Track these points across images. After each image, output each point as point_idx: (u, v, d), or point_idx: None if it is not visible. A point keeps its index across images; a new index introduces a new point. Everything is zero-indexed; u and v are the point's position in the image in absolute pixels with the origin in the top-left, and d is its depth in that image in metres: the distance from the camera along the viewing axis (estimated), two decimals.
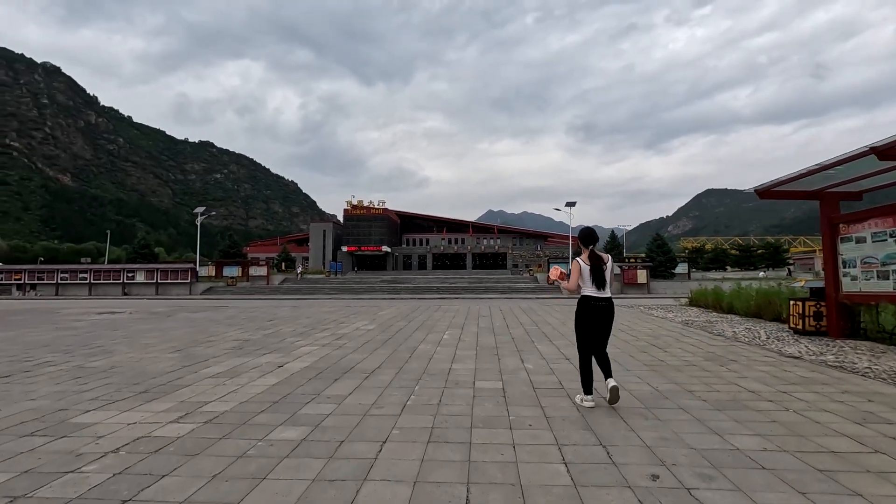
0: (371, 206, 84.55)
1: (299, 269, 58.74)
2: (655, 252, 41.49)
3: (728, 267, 75.45)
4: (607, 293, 4.17)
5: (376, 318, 11.70)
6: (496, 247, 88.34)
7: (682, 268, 45.31)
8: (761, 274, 45.42)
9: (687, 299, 14.99)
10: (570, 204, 39.61)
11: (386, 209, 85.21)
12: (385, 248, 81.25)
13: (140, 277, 38.76)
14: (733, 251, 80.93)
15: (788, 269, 55.85)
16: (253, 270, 46.82)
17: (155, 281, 38.39)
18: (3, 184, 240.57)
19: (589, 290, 4.16)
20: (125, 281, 38.50)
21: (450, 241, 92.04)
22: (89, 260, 73.05)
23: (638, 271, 36.23)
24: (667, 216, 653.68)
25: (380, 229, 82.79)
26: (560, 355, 6.60)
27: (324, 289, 38.32)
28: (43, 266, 41.29)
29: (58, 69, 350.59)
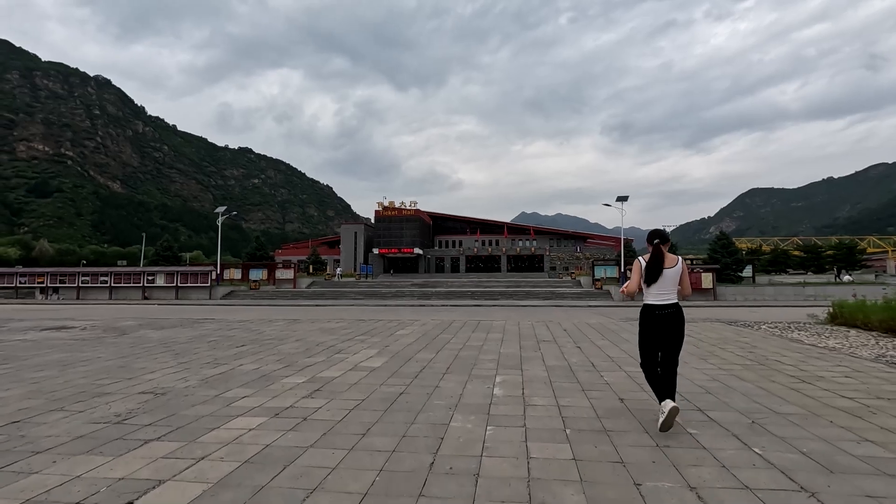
0: (403, 206, 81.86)
1: (338, 271, 56.72)
2: (720, 253, 36.55)
3: (789, 270, 68.52)
4: (672, 299, 3.72)
5: (391, 343, 8.24)
6: (532, 248, 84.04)
7: (746, 271, 40.14)
8: (846, 278, 39.59)
9: (827, 314, 10.83)
10: (622, 199, 35.31)
11: (418, 210, 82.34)
12: (417, 251, 78.33)
13: (160, 281, 37.00)
14: (796, 252, 73.74)
15: (875, 273, 49.24)
16: (279, 273, 44.73)
17: (175, 284, 36.53)
18: (59, 191, 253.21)
19: (650, 297, 3.75)
20: (145, 284, 36.81)
21: (483, 243, 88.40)
22: (125, 263, 73.44)
23: (702, 274, 31.59)
24: (708, 217, 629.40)
25: (411, 231, 79.95)
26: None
27: (349, 293, 35.45)
28: (64, 269, 40.23)
29: (108, 81, 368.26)
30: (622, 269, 36.44)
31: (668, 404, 3.50)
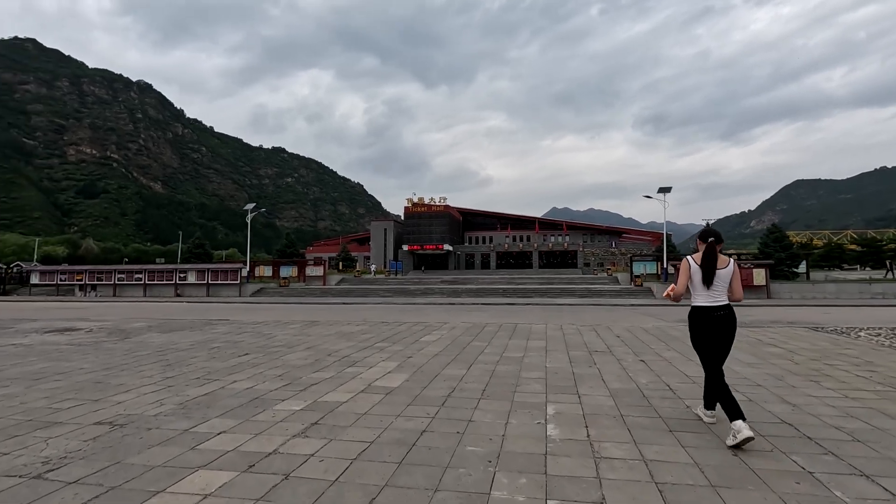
0: (432, 203, 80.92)
1: (372, 268, 56.48)
2: (772, 247, 33.82)
3: (844, 265, 63.76)
4: (724, 300, 3.51)
5: (414, 353, 7.05)
6: (565, 244, 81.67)
7: (800, 267, 37.09)
8: None
9: None
10: (664, 190, 33.05)
11: (447, 206, 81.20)
12: (446, 247, 77.25)
13: (191, 278, 37.17)
14: (851, 246, 68.55)
15: None
16: (309, 270, 44.44)
17: (206, 282, 36.61)
18: (105, 192, 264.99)
19: (700, 299, 3.54)
20: (177, 282, 37.06)
21: (514, 239, 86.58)
22: (163, 260, 75.40)
23: (753, 271, 29.19)
24: (749, 210, 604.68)
25: (441, 227, 78.91)
26: None
27: (378, 291, 34.62)
28: (101, 267, 41.05)
29: (149, 86, 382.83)
30: (664, 265, 34.27)
31: (745, 430, 3.19)
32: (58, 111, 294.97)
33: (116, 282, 38.04)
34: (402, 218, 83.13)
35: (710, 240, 3.54)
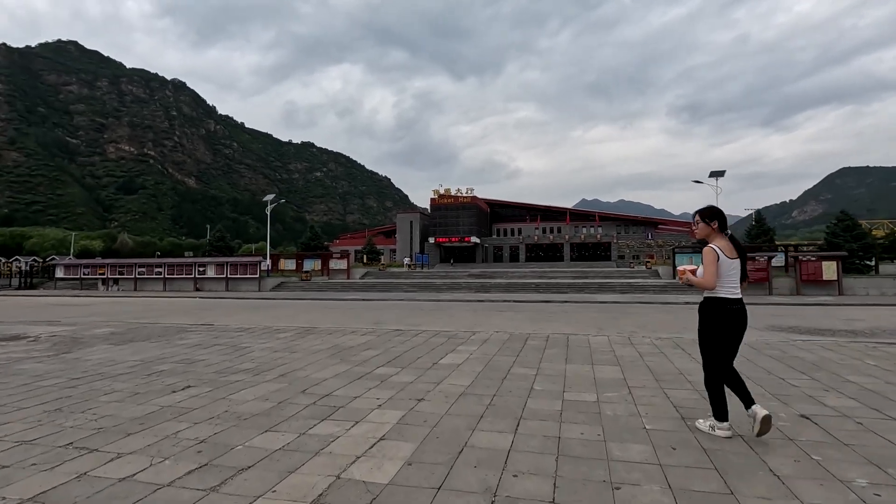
0: (459, 194, 78.47)
1: (406, 261, 55.09)
2: (841, 237, 29.97)
3: None
4: (739, 292, 3.36)
5: (429, 390, 4.70)
6: (598, 236, 78.08)
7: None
8: None
9: None
10: (717, 174, 29.73)
11: (474, 197, 78.60)
12: (474, 239, 74.77)
13: (211, 272, 36.01)
14: None
15: None
16: (333, 264, 42.93)
17: (225, 276, 35.39)
18: (142, 188, 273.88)
19: (724, 290, 3.31)
20: (196, 276, 35.97)
21: (544, 231, 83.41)
22: (191, 253, 75.76)
23: (823, 263, 25.72)
24: (790, 200, 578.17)
25: (468, 219, 76.44)
26: None
27: (402, 285, 32.60)
28: (122, 261, 40.39)
29: (183, 84, 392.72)
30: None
31: (759, 410, 3.25)
32: (98, 110, 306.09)
33: (137, 276, 37.29)
34: (429, 210, 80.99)
35: (728, 233, 3.37)
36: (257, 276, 34.77)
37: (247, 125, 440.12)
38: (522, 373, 5.41)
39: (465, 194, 78.13)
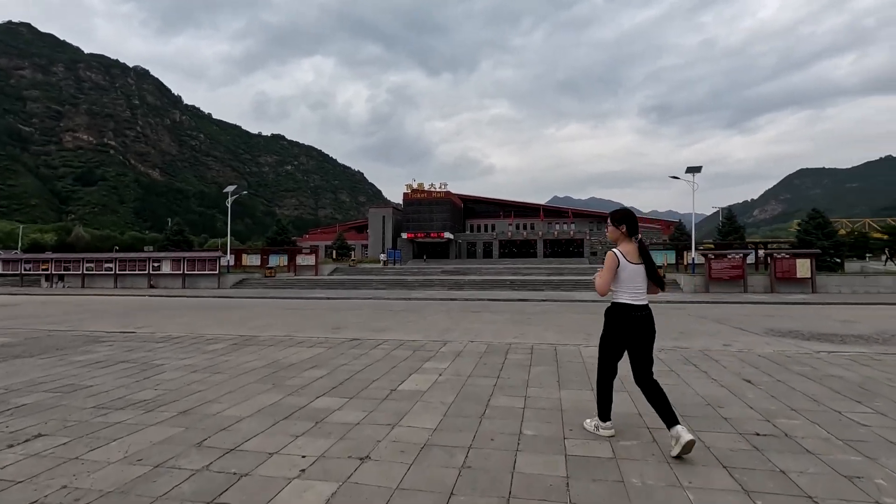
0: (432, 189, 77.06)
1: (382, 257, 53.45)
2: (813, 234, 30.04)
3: (869, 255, 59.96)
4: (646, 299, 3.26)
5: (380, 440, 3.41)
6: (571, 232, 78.02)
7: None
8: None
9: None
10: (693, 170, 29.26)
11: (448, 193, 77.32)
12: (447, 235, 73.56)
13: (166, 268, 33.66)
14: (876, 235, 64.56)
15: None
16: (300, 259, 41.10)
17: (182, 272, 33.11)
18: (103, 179, 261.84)
19: (626, 296, 3.22)
20: (150, 272, 33.56)
21: (518, 227, 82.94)
22: (152, 248, 71.88)
23: (797, 261, 25.54)
24: (752, 199, 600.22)
25: (442, 214, 75.15)
26: None
27: (372, 282, 31.06)
28: (68, 256, 37.44)
29: (147, 72, 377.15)
30: (692, 255, 30.63)
31: (685, 434, 2.94)
32: (54, 97, 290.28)
33: (85, 272, 34.54)
34: (402, 205, 79.27)
35: (638, 238, 3.30)
36: (217, 272, 32.64)
37: (215, 116, 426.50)
38: (506, 405, 4.15)
39: (438, 189, 76.80)
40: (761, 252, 33.35)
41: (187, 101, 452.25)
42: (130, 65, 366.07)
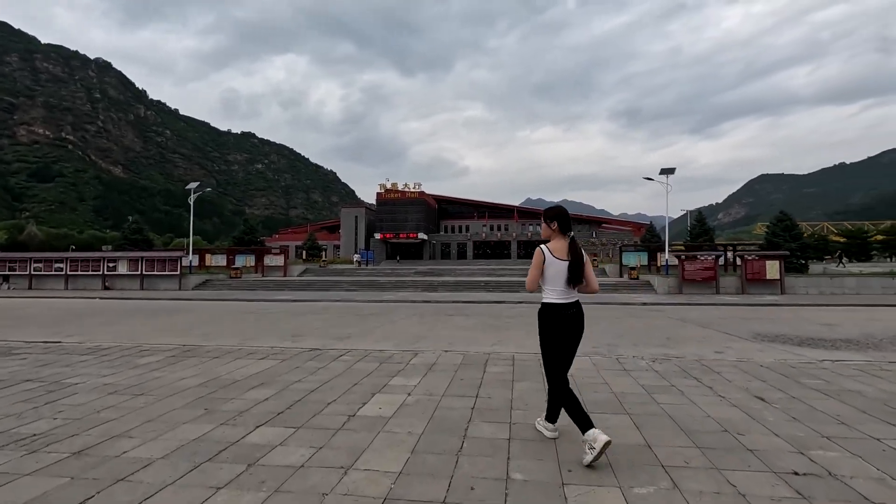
0: (406, 189, 76.04)
1: (355, 257, 52.22)
2: (781, 236, 30.55)
3: (827, 257, 62.30)
4: (575, 297, 3.20)
5: (333, 477, 2.67)
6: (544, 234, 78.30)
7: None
8: None
9: None
10: (667, 171, 29.35)
11: (422, 193, 76.44)
12: (421, 236, 72.71)
13: (122, 268, 31.74)
14: (835, 238, 67.20)
15: None
16: (268, 260, 39.63)
17: (139, 273, 31.28)
18: (60, 175, 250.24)
19: (554, 295, 3.17)
20: (105, 272, 31.58)
21: (492, 228, 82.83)
22: (110, 247, 68.47)
23: (767, 263, 25.83)
24: (716, 203, 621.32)
25: (416, 215, 74.20)
26: None
27: (342, 284, 29.99)
28: (14, 255, 34.94)
29: (109, 65, 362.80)
30: (665, 257, 30.75)
31: (601, 436, 2.85)
32: (7, 88, 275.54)
33: (32, 272, 32.25)
34: (375, 205, 77.95)
35: (570, 234, 3.19)
36: (178, 273, 30.95)
37: (182, 112, 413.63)
38: (488, 434, 3.42)
39: (412, 189, 75.85)
40: (730, 254, 33.86)
41: (153, 96, 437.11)
42: (91, 56, 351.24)
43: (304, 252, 55.03)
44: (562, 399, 3.15)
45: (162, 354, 6.40)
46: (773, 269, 25.75)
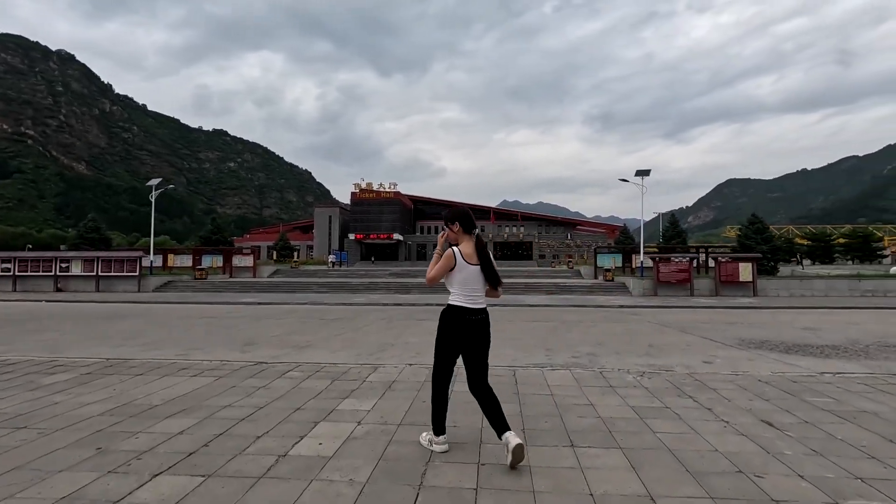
0: (381, 189, 74.94)
1: (331, 259, 50.97)
2: (753, 239, 30.87)
3: (793, 259, 64.14)
4: (483, 302, 3.10)
5: None
6: (520, 235, 78.53)
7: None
8: (893, 269, 34.50)
9: None
10: (643, 173, 29.26)
11: (398, 193, 75.47)
12: (397, 236, 71.71)
13: (76, 269, 29.90)
14: (801, 241, 69.22)
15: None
16: (237, 260, 38.12)
17: (95, 273, 29.51)
18: (19, 171, 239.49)
19: (460, 298, 3.04)
20: (58, 273, 29.67)
21: None
22: (65, 247, 65.29)
23: (740, 265, 26.00)
24: (686, 206, 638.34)
25: (391, 215, 73.15)
26: None
27: (312, 285, 28.92)
28: None
29: (72, 57, 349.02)
30: (640, 259, 30.72)
31: (511, 438, 2.84)
32: None
33: None
34: (350, 205, 76.57)
35: (474, 231, 3.11)
36: (137, 274, 29.31)
37: (150, 107, 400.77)
38: (453, 483, 2.70)
39: (388, 189, 74.81)
40: (702, 256, 34.16)
41: (120, 90, 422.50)
42: (53, 48, 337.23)
43: (275, 252, 53.39)
44: (436, 400, 3.13)
45: (76, 371, 5.46)
46: (746, 271, 25.92)
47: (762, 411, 3.98)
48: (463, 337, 3.05)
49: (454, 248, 3.09)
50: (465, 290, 3.04)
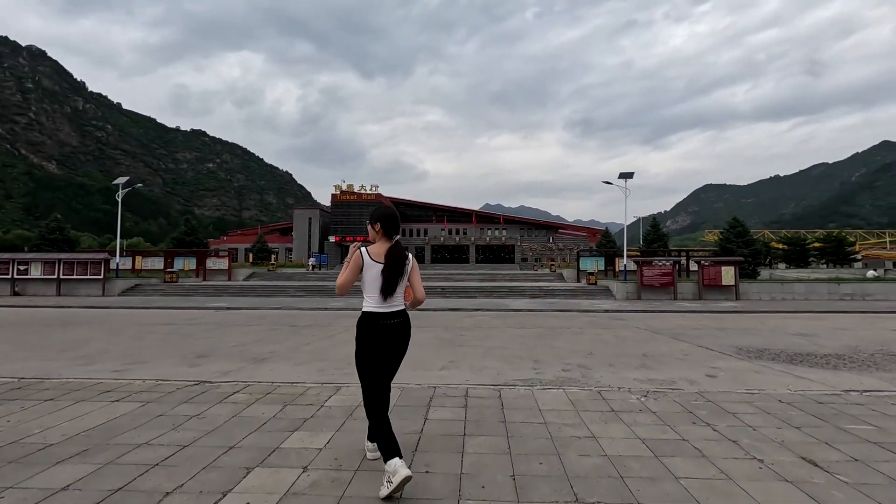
0: (363, 191, 73.79)
1: (311, 262, 49.77)
2: (734, 242, 30.87)
3: (769, 263, 65.16)
4: (399, 305, 2.85)
5: None
6: (502, 238, 78.27)
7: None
8: (870, 273, 34.93)
9: None
10: (626, 175, 28.98)
11: (379, 195, 74.42)
12: None
13: (36, 271, 28.23)
14: (777, 245, 70.40)
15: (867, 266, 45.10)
16: (211, 263, 36.62)
17: (56, 276, 27.91)
18: None
19: (372, 303, 2.79)
20: (15, 276, 27.97)
21: (450, 232, 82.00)
22: (27, 249, 62.58)
23: (722, 269, 25.87)
24: (665, 211, 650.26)
25: None
26: None
27: (288, 289, 27.83)
28: None
29: (43, 52, 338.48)
30: (623, 262, 30.42)
31: (401, 470, 2.44)
32: None
33: None
34: (330, 207, 75.19)
35: (395, 238, 2.86)
36: (101, 277, 27.81)
37: (125, 106, 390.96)
38: None
39: (369, 191, 73.69)
40: (683, 259, 34.14)
41: (93, 88, 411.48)
42: (23, 43, 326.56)
43: (251, 255, 51.88)
44: (372, 419, 2.77)
45: None
46: (728, 275, 25.79)
47: (798, 444, 3.31)
48: (380, 345, 2.76)
49: (362, 248, 2.85)
50: (373, 292, 2.78)
